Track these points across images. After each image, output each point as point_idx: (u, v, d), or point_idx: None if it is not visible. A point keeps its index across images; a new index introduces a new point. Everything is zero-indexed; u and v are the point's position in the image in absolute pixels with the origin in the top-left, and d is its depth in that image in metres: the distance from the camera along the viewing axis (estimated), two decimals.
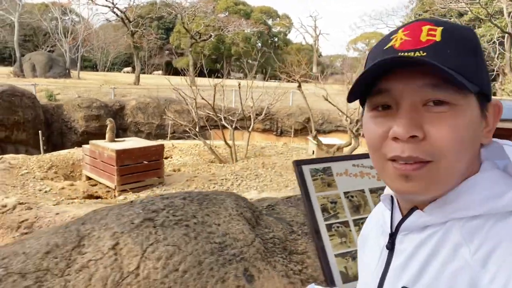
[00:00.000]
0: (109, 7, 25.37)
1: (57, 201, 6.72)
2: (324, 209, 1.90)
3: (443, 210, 0.58)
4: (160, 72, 51.30)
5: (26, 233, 5.17)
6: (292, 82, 13.50)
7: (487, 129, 0.60)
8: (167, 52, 53.51)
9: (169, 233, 1.75)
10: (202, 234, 1.80)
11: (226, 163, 10.74)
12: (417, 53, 0.56)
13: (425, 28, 0.58)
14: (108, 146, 7.68)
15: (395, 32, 0.62)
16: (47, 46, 42.01)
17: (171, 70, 54.99)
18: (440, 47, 0.56)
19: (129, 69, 49.83)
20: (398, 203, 0.68)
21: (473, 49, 0.58)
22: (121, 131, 14.16)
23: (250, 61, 57.43)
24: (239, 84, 10.92)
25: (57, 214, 5.37)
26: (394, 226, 0.67)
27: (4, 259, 1.62)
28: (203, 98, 10.41)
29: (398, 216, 0.66)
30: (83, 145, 8.70)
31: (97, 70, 48.86)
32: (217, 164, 10.54)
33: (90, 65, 49.63)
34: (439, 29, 0.58)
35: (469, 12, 22.17)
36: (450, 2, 21.77)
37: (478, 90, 0.56)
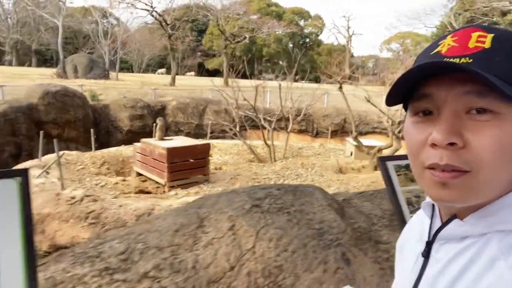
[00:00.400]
0: (148, 10, 26.23)
1: (115, 195, 7.16)
2: (409, 203, 2.09)
3: (484, 222, 0.57)
4: (192, 73, 52.35)
5: (93, 223, 5.60)
6: (328, 83, 13.58)
7: None
8: (199, 53, 54.55)
9: (275, 218, 1.99)
10: (303, 221, 2.03)
11: (265, 162, 10.99)
12: (462, 60, 0.55)
13: (475, 35, 0.57)
14: (159, 144, 8.08)
15: (443, 37, 0.61)
16: (87, 48, 43.84)
17: (202, 71, 56.09)
18: (488, 54, 0.54)
19: (163, 70, 51.18)
20: (439, 211, 0.66)
21: None
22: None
23: (281, 62, 57.58)
24: (280, 85, 11.13)
25: (120, 206, 5.77)
26: (432, 234, 0.66)
27: (140, 235, 1.90)
28: (245, 99, 10.69)
29: (437, 225, 0.65)
30: (134, 143, 9.16)
31: (132, 71, 50.47)
32: (257, 164, 10.80)
33: (126, 67, 51.32)
34: (490, 36, 0.56)
35: None
36: (493, 1, 21.10)
37: None
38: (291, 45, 53.30)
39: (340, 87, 9.91)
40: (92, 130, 10.77)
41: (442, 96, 0.56)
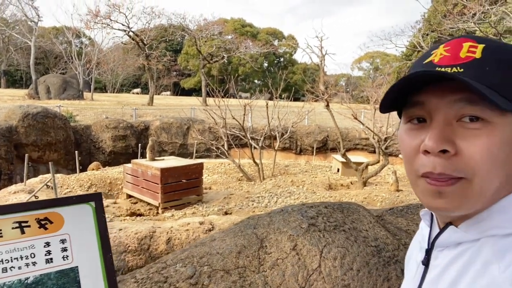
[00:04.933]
0: (125, 30, 26.07)
1: (109, 218, 6.93)
2: None
3: (477, 228, 0.58)
4: (168, 92, 52.04)
5: None
6: (314, 101, 13.84)
7: None
8: (174, 73, 54.43)
9: (334, 237, 2.00)
10: (359, 238, 2.05)
11: (254, 181, 10.98)
12: (454, 69, 0.56)
13: (466, 45, 0.58)
14: (152, 165, 7.94)
15: (436, 47, 0.62)
16: (59, 69, 42.89)
17: (178, 90, 55.87)
18: (479, 63, 0.56)
19: (138, 90, 50.60)
20: (437, 219, 0.68)
21: None
22: (144, 151, 14.47)
23: (256, 81, 58.10)
24: (267, 104, 11.24)
25: (120, 230, 5.58)
26: (431, 242, 0.67)
27: (202, 258, 1.87)
28: (233, 118, 10.72)
29: (436, 232, 0.67)
30: (124, 165, 8.95)
31: (106, 91, 49.64)
32: (247, 182, 10.78)
33: (99, 87, 50.42)
34: (481, 46, 0.57)
35: (477, 31, 22.74)
36: (458, 22, 22.31)
37: None
38: (266, 64, 54.17)
39: (327, 105, 10.12)
40: (76, 152, 10.46)
41: (433, 103, 0.58)
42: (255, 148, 11.83)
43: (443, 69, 0.57)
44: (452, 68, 0.56)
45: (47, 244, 1.35)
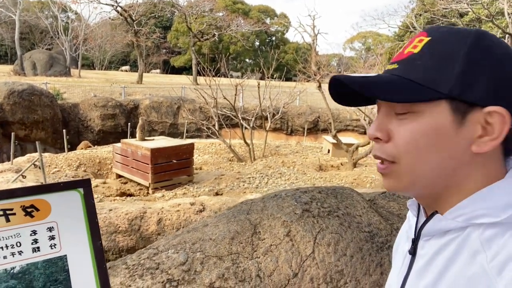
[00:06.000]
0: (113, 5, 25.34)
1: (99, 198, 6.88)
2: None
3: (460, 216, 0.59)
4: (158, 70, 51.24)
5: None
6: (306, 81, 13.75)
7: (491, 137, 0.57)
8: (164, 50, 53.43)
9: (328, 223, 1.98)
10: (353, 224, 2.04)
11: (245, 161, 10.97)
12: (394, 65, 0.62)
13: (416, 40, 0.61)
14: (142, 145, 7.84)
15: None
16: (45, 44, 41.73)
17: (168, 68, 54.99)
18: (412, 58, 0.60)
19: (126, 67, 49.70)
20: (424, 208, 0.68)
21: (457, 56, 0.57)
22: (134, 130, 14.32)
23: (248, 60, 57.50)
24: (259, 84, 11.12)
25: (110, 210, 5.54)
26: (417, 231, 0.68)
27: (195, 244, 1.84)
28: (225, 98, 10.60)
29: (422, 222, 0.67)
30: (113, 144, 8.84)
31: (94, 69, 48.64)
32: (238, 163, 10.76)
33: (87, 63, 49.35)
34: (426, 39, 0.60)
35: (470, 13, 22.65)
36: (451, 2, 22.16)
37: (449, 96, 0.56)
38: (257, 43, 53.46)
39: (319, 86, 10.05)
40: (64, 130, 10.28)
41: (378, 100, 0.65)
42: (246, 128, 11.76)
43: (390, 66, 0.63)
44: (392, 65, 0.62)
45: (34, 232, 1.29)
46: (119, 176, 8.59)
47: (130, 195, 8.01)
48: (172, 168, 8.07)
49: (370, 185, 8.49)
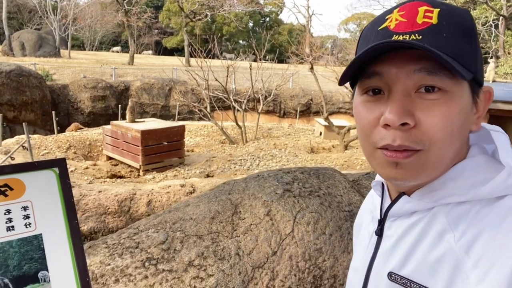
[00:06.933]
0: None
1: (89, 180, 6.87)
2: None
3: (430, 196, 0.58)
4: (150, 51, 50.48)
5: None
6: (299, 63, 13.65)
7: (477, 115, 0.58)
8: (156, 31, 52.52)
9: (309, 202, 2.00)
10: (333, 204, 2.06)
11: (237, 144, 10.98)
12: (412, 36, 0.54)
13: (422, 9, 0.55)
14: (132, 127, 7.79)
15: (390, 12, 0.59)
16: (33, 24, 40.78)
17: (160, 49, 54.19)
18: (437, 30, 0.54)
19: (118, 48, 48.85)
20: (388, 190, 0.68)
21: (469, 33, 0.55)
22: (124, 112, 14.20)
23: (241, 42, 56.83)
24: (251, 66, 11.03)
25: (100, 192, 5.54)
26: (383, 212, 0.67)
27: (175, 223, 1.85)
28: (216, 80, 10.51)
29: (387, 203, 0.66)
30: (103, 126, 8.77)
31: (84, 49, 47.77)
32: (229, 145, 10.77)
33: (77, 44, 48.41)
34: (436, 10, 0.55)
35: None
36: None
37: (472, 77, 0.54)
38: (251, 24, 52.76)
39: (311, 68, 9.99)
40: (53, 112, 10.16)
41: (392, 74, 0.55)
42: (238, 110, 11.72)
43: (401, 37, 0.54)
44: (410, 36, 0.54)
45: (8, 211, 1.29)
46: (109, 158, 8.56)
47: (121, 177, 8.00)
48: (163, 150, 8.06)
49: (360, 167, 8.56)
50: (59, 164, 1.47)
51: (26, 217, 1.33)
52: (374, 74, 0.57)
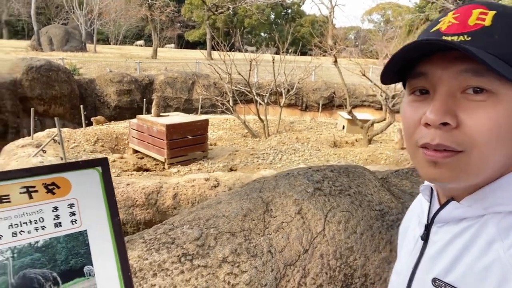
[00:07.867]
0: None
1: (116, 173, 7.06)
2: None
3: (480, 203, 0.57)
4: (172, 45, 50.93)
5: None
6: (322, 56, 13.51)
7: None
8: (178, 24, 52.89)
9: (339, 201, 2.01)
10: (364, 202, 2.06)
11: (259, 137, 11.01)
12: (461, 38, 0.53)
13: (476, 12, 0.54)
14: (158, 121, 7.93)
15: (444, 15, 0.59)
16: (60, 19, 41.78)
17: (183, 43, 54.60)
18: (488, 31, 0.52)
19: (141, 42, 49.54)
20: (438, 194, 0.66)
21: None
22: (149, 106, 14.45)
23: (263, 34, 56.53)
24: (273, 59, 11.00)
25: (128, 185, 5.70)
26: (430, 217, 0.66)
27: (209, 220, 1.90)
28: (239, 73, 10.54)
29: (436, 208, 0.65)
30: (129, 120, 8.97)
31: (109, 43, 48.66)
32: (252, 139, 10.81)
33: (102, 38, 49.34)
34: (491, 13, 0.54)
35: None
36: None
37: None
38: (273, 16, 52.42)
39: (335, 61, 9.88)
40: (82, 106, 10.45)
41: (438, 74, 0.55)
42: (260, 104, 11.74)
43: (449, 38, 0.53)
44: (459, 37, 0.53)
45: (55, 208, 1.36)
46: (135, 151, 8.76)
47: (147, 170, 8.19)
48: (187, 144, 8.18)
49: (384, 162, 8.46)
50: (102, 163, 1.54)
51: (72, 214, 1.40)
52: (420, 74, 0.57)
